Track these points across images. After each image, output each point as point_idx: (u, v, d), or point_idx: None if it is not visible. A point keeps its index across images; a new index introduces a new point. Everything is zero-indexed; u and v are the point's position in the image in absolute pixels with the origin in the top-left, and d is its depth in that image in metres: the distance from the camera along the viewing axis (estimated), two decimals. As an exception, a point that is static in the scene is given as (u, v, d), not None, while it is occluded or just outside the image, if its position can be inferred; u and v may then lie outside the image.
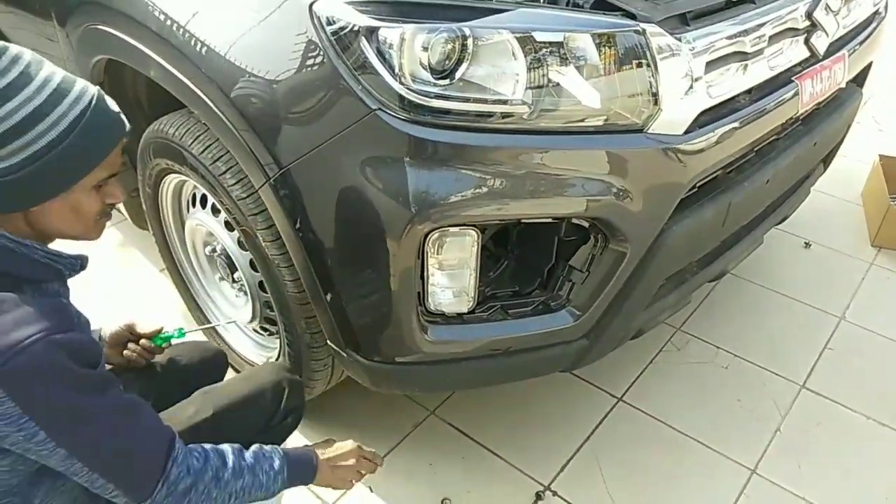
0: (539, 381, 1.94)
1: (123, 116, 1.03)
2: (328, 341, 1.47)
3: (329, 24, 1.15)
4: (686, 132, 1.30)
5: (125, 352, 1.34)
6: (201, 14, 1.31)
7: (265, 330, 1.78)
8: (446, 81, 1.15)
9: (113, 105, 1.02)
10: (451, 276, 1.30)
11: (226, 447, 1.10)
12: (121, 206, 2.09)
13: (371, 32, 1.14)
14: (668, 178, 1.32)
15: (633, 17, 1.21)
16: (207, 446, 1.08)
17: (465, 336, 1.37)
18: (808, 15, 1.47)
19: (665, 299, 1.61)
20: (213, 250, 1.75)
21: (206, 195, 1.65)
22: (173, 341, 1.38)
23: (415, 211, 1.18)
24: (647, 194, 1.30)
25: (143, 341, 1.34)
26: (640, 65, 1.21)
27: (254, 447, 1.13)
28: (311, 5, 1.16)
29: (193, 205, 1.76)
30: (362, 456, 1.27)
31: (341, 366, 1.53)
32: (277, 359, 1.71)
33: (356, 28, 1.14)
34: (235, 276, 1.74)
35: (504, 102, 1.18)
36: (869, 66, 1.96)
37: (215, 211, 1.67)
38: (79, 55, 1.68)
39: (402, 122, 1.15)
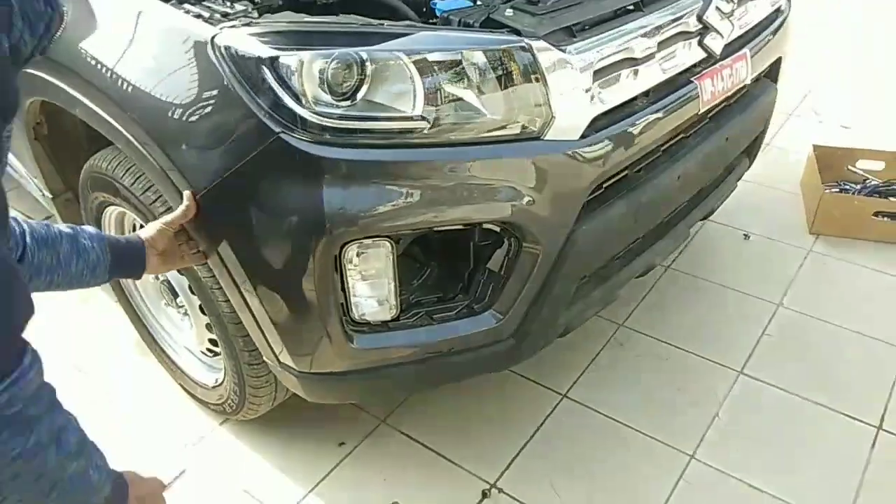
0: (487, 382, 2.02)
1: None
2: (264, 357, 1.53)
3: (231, 55, 1.23)
4: (582, 137, 1.38)
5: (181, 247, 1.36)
6: (121, 56, 1.38)
7: (211, 352, 1.84)
8: (348, 103, 1.23)
9: None
10: (371, 285, 1.37)
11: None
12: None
13: (272, 61, 1.21)
14: (569, 181, 1.40)
15: (518, 33, 1.29)
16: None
17: (392, 342, 1.44)
18: (699, 18, 1.56)
19: (589, 297, 1.69)
20: (156, 277, 1.81)
21: (142, 225, 1.71)
22: None
23: (327, 226, 1.25)
24: (550, 198, 1.38)
25: None
26: (528, 78, 1.29)
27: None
28: (212, 38, 1.24)
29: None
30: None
31: (280, 380, 1.59)
32: (223, 379, 1.77)
33: (257, 57, 1.21)
34: (178, 300, 1.80)
35: (404, 119, 1.25)
36: (779, 62, 2.06)
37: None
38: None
39: (307, 144, 1.22)
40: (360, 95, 1.23)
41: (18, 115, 1.77)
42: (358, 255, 1.31)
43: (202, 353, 1.88)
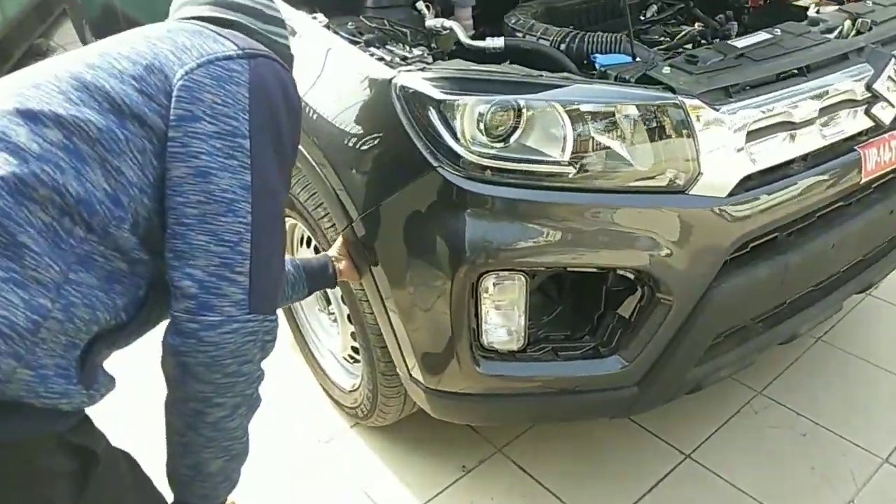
0: (608, 429, 2.02)
1: None
2: (397, 369, 1.65)
3: (405, 94, 1.37)
4: (730, 195, 1.39)
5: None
6: (310, 87, 1.58)
7: (352, 358, 2.00)
8: (501, 144, 1.33)
9: None
10: (503, 315, 1.45)
11: None
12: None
13: (439, 102, 1.34)
14: (712, 238, 1.41)
15: (673, 91, 1.34)
16: None
17: (516, 372, 1.51)
18: (868, 87, 1.51)
19: (724, 356, 1.66)
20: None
21: (310, 237, 1.91)
22: None
23: (467, 254, 1.35)
24: (690, 252, 1.40)
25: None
26: (679, 133, 1.33)
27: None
28: (391, 79, 1.39)
29: (301, 244, 2.03)
30: None
31: (409, 393, 1.70)
32: (359, 385, 1.92)
33: (427, 97, 1.35)
34: (330, 307, 1.98)
35: (552, 163, 1.34)
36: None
37: (317, 251, 1.93)
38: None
39: (459, 178, 1.33)
40: (513, 138, 1.33)
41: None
42: (494, 285, 1.40)
43: (344, 358, 2.04)
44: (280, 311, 2.27)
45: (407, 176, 1.38)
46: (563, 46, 1.65)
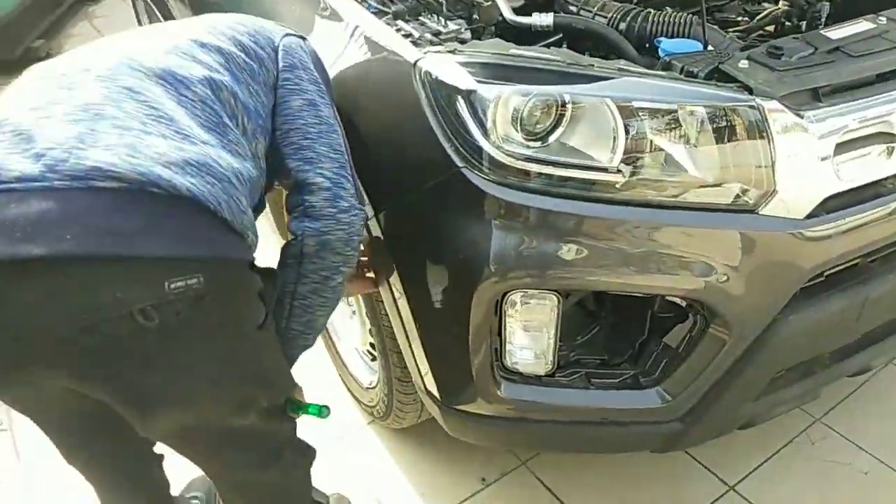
0: (646, 452, 1.84)
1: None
2: (413, 379, 1.50)
3: (430, 81, 1.19)
4: (808, 217, 1.17)
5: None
6: (332, 64, 1.40)
7: (371, 354, 1.86)
8: (539, 144, 1.14)
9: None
10: (530, 337, 1.28)
11: None
12: (273, 221, 2.29)
13: (469, 92, 1.16)
14: (783, 266, 1.20)
15: (750, 90, 1.12)
16: None
17: (541, 398, 1.34)
18: None
19: (785, 390, 1.45)
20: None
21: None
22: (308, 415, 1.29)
23: (493, 270, 1.18)
24: (755, 281, 1.19)
25: None
26: (753, 141, 1.11)
27: None
28: (416, 62, 1.21)
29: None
30: None
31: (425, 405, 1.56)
32: (377, 385, 1.78)
33: (454, 86, 1.16)
34: (350, 299, 1.83)
35: (598, 170, 1.14)
36: None
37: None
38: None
39: (486, 183, 1.15)
40: (553, 137, 1.14)
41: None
42: (520, 303, 1.23)
43: (363, 352, 1.91)
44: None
45: (428, 175, 1.20)
46: (622, 26, 1.43)
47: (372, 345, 1.81)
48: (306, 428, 1.90)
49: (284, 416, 1.23)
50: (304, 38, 1.29)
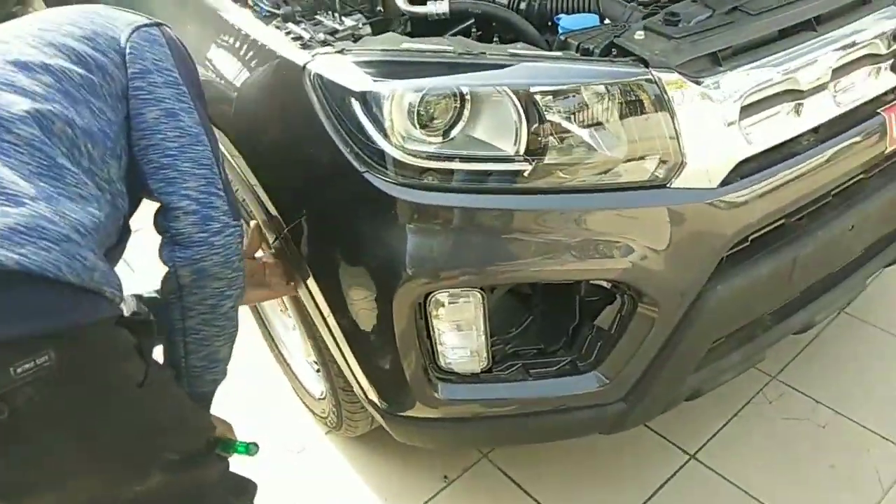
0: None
1: None
2: (354, 389, 1.47)
3: (321, 84, 1.14)
4: (723, 184, 1.15)
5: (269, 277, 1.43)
6: (225, 75, 1.35)
7: (317, 365, 1.82)
8: (441, 140, 1.10)
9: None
10: (460, 336, 1.24)
11: None
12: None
13: (364, 93, 1.11)
14: (702, 237, 1.18)
15: (646, 63, 1.08)
16: None
17: (482, 395, 1.31)
18: (895, 37, 1.24)
19: (727, 358, 1.44)
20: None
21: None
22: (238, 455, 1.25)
23: (411, 273, 1.14)
24: (676, 255, 1.17)
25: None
26: (653, 115, 1.08)
27: None
28: (304, 65, 1.16)
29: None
30: None
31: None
32: (326, 395, 1.74)
33: (344, 87, 1.12)
34: (289, 312, 1.79)
35: (503, 160, 1.11)
36: None
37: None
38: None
39: (391, 186, 1.11)
40: (455, 131, 1.10)
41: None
42: (444, 304, 1.19)
43: (310, 363, 1.87)
44: (246, 308, 2.12)
45: (330, 183, 1.16)
46: (523, 5, 1.39)
47: (315, 355, 1.77)
48: (264, 443, 1.89)
49: (208, 460, 1.13)
50: (159, 26, 1.14)
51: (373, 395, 1.39)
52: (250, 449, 1.22)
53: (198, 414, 1.14)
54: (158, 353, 1.12)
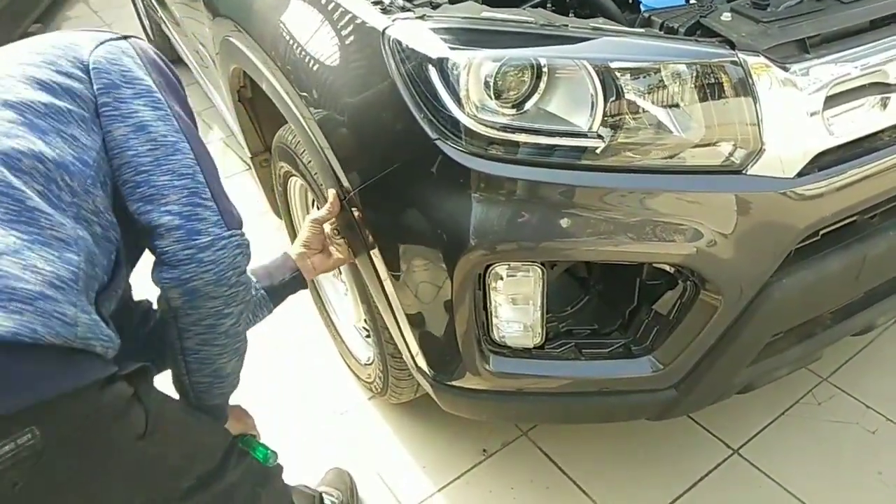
0: (646, 417, 1.82)
1: None
2: (403, 356, 1.48)
3: (400, 49, 1.14)
4: (799, 175, 1.13)
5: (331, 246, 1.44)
6: (300, 37, 1.36)
7: (367, 330, 1.84)
8: (514, 111, 1.10)
9: None
10: (516, 310, 1.25)
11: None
12: (264, 196, 2.27)
13: (441, 60, 1.11)
14: (774, 228, 1.16)
15: (732, 45, 1.06)
16: None
17: (532, 371, 1.31)
18: None
19: (784, 353, 1.42)
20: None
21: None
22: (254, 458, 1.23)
23: (474, 244, 1.15)
24: (745, 244, 1.15)
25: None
26: (737, 99, 1.06)
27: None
28: (384, 29, 1.16)
29: (313, 206, 1.86)
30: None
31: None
32: (373, 360, 1.77)
33: (423, 55, 1.12)
34: (342, 277, 1.81)
35: (577, 136, 1.10)
36: None
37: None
38: (220, 61, 1.84)
39: (462, 155, 1.11)
40: (529, 104, 1.09)
41: (223, 77, 1.87)
42: (504, 277, 1.20)
43: (359, 329, 1.89)
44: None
45: (401, 149, 1.17)
46: (603, -18, 1.36)
47: (367, 321, 1.80)
48: (307, 404, 1.93)
49: (227, 469, 1.08)
50: (126, 38, 1.08)
51: (422, 363, 1.40)
52: (269, 457, 1.21)
53: (210, 429, 1.10)
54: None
